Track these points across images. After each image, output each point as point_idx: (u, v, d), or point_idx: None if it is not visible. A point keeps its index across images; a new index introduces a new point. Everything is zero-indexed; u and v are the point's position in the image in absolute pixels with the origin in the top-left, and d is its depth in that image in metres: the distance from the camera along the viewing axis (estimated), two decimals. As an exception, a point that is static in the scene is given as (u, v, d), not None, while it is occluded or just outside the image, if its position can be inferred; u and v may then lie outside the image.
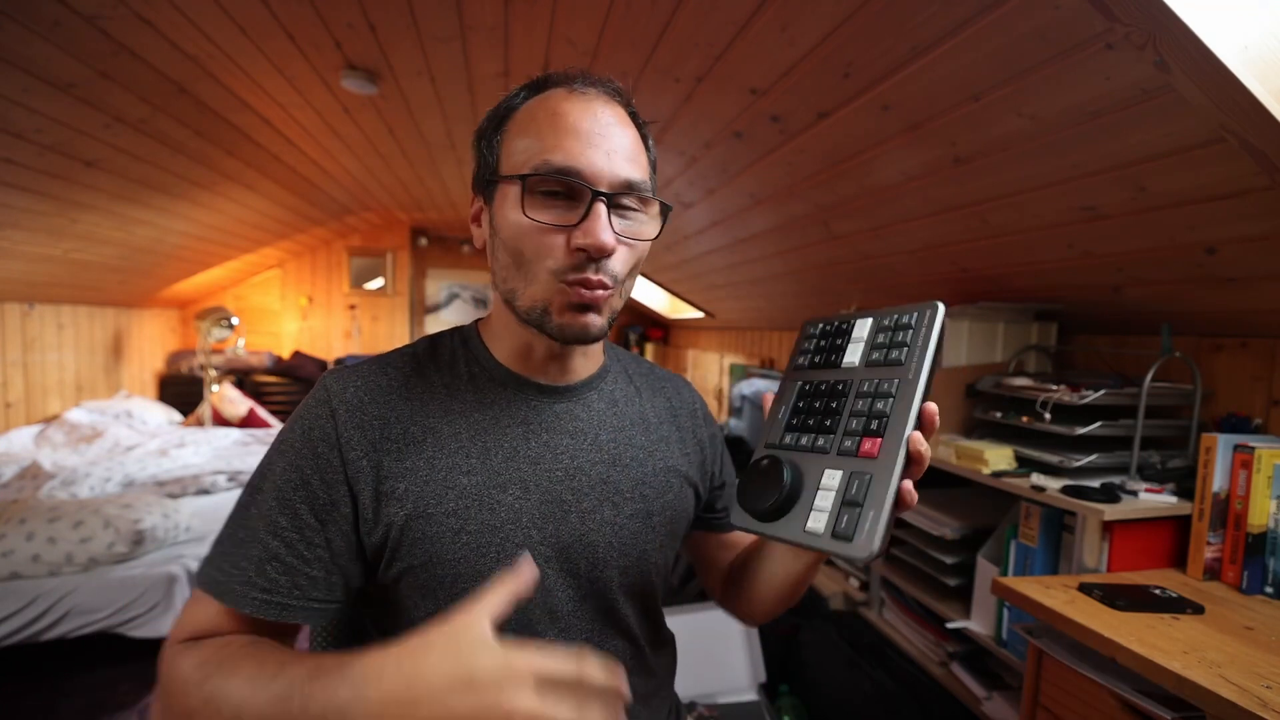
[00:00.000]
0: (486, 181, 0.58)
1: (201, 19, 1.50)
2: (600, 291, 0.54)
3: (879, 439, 0.47)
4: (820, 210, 1.83)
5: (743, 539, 0.77)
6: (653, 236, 0.58)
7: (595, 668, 0.42)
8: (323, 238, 4.76)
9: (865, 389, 0.51)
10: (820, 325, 0.60)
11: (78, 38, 1.48)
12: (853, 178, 1.56)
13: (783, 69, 1.28)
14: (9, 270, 2.81)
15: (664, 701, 0.69)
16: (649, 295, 4.67)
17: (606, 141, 0.54)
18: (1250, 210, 0.97)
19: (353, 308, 5.18)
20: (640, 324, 5.58)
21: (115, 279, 3.54)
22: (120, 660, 2.10)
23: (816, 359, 0.57)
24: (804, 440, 0.52)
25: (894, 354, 0.51)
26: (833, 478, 0.48)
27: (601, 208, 0.53)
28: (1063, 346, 1.60)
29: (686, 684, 1.23)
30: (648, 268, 3.84)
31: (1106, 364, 1.52)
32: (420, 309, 5.43)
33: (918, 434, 0.47)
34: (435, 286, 5.44)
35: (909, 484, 0.46)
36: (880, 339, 0.53)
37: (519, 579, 0.45)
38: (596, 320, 0.56)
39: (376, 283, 5.18)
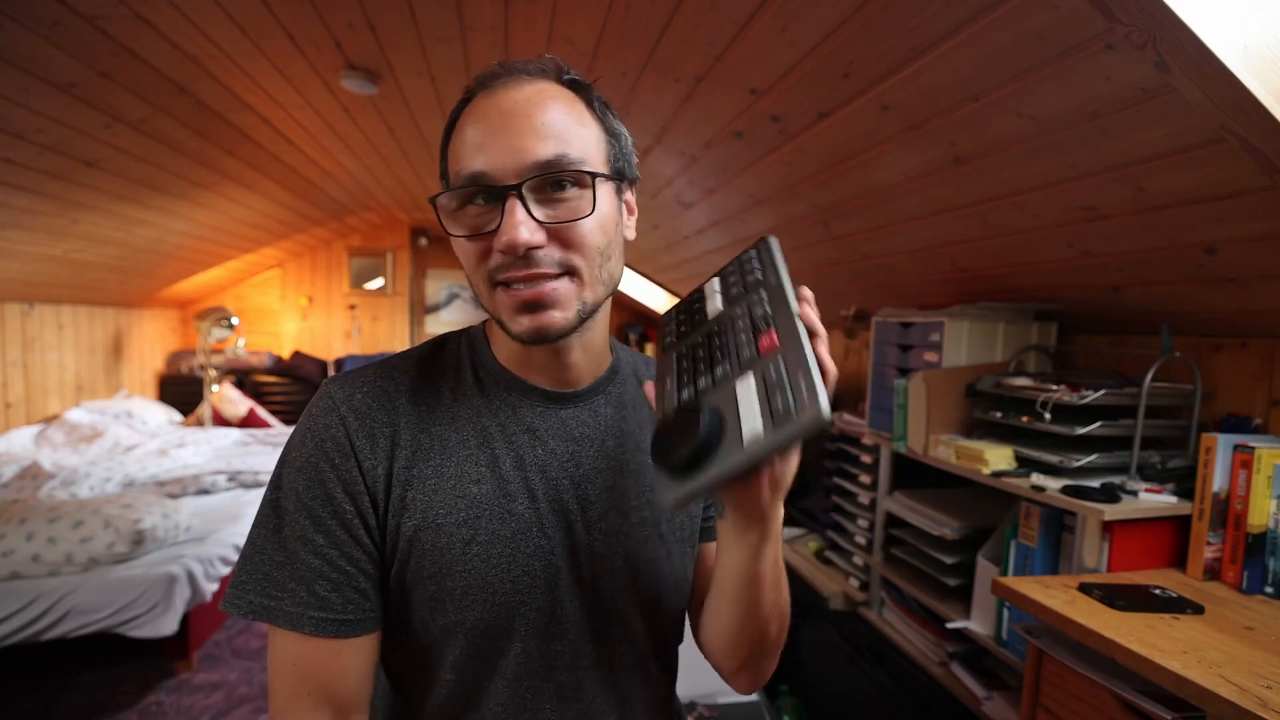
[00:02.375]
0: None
1: (201, 19, 1.50)
2: (544, 285, 0.51)
3: (770, 329, 0.44)
4: (820, 210, 1.83)
5: None
6: (587, 213, 0.52)
7: None
8: (323, 238, 4.76)
9: (738, 313, 0.49)
10: (673, 309, 0.60)
11: (78, 38, 1.48)
12: (853, 178, 1.56)
13: (783, 69, 1.28)
14: (9, 270, 2.81)
15: (664, 709, 0.68)
16: (649, 295, 4.67)
17: (510, 130, 0.50)
18: (1250, 210, 0.97)
19: (353, 308, 5.18)
20: (640, 324, 5.58)
21: (115, 279, 3.54)
22: (120, 660, 2.11)
23: (682, 329, 0.55)
24: (701, 383, 0.46)
25: (750, 278, 0.51)
26: (746, 384, 0.42)
27: (514, 203, 0.49)
28: (1063, 346, 1.60)
29: (687, 684, 1.23)
30: (648, 268, 3.84)
31: (1106, 364, 1.52)
32: (420, 309, 5.43)
33: (805, 307, 0.45)
34: (435, 286, 5.44)
35: (824, 350, 0.43)
36: (732, 280, 0.54)
37: None
38: (557, 316, 0.52)
39: (376, 283, 5.18)
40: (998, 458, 1.29)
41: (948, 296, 1.85)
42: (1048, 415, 1.25)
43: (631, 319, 5.58)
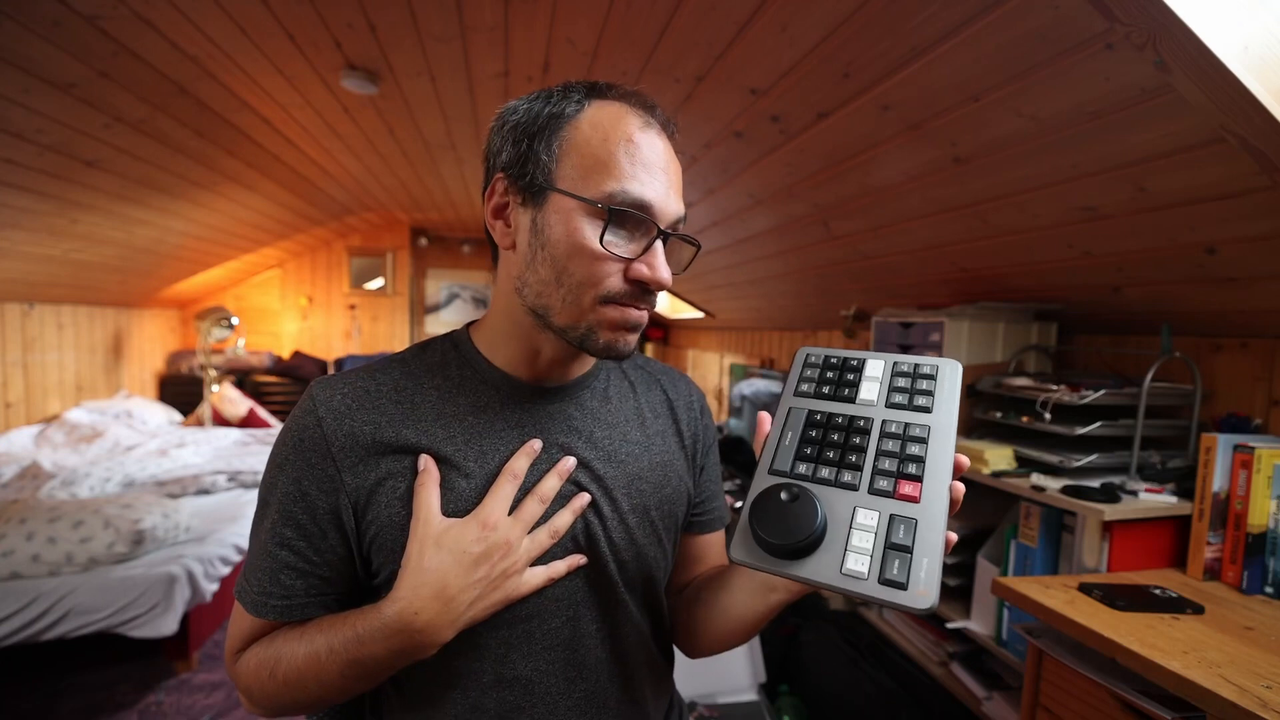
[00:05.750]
0: (537, 187, 0.55)
1: (201, 19, 1.50)
2: (645, 314, 0.58)
3: (918, 482, 0.44)
4: (820, 210, 1.83)
5: (717, 551, 0.75)
6: (682, 269, 0.62)
7: (547, 484, 0.58)
8: (323, 238, 4.76)
9: (892, 429, 0.48)
10: (824, 356, 0.57)
11: (78, 38, 1.48)
12: (853, 178, 1.56)
13: (783, 69, 1.28)
14: (9, 270, 2.81)
15: (666, 694, 0.70)
16: (649, 295, 4.67)
17: (670, 178, 0.56)
18: (1250, 210, 0.97)
19: (353, 308, 5.18)
20: (640, 324, 5.57)
21: (115, 279, 3.54)
22: (120, 660, 2.11)
23: (825, 389, 0.54)
24: (824, 472, 0.47)
25: (919, 400, 0.50)
26: (869, 517, 0.43)
27: (660, 245, 0.55)
28: (1063, 346, 1.60)
29: (687, 684, 1.23)
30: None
31: (1106, 364, 1.52)
32: (420, 309, 5.43)
33: (958, 483, 0.45)
34: (435, 286, 5.44)
35: (951, 534, 0.44)
36: (900, 383, 0.52)
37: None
38: (635, 339, 0.59)
39: (376, 283, 5.19)
40: (998, 458, 1.29)
41: (948, 296, 1.85)
42: (1048, 415, 1.25)
43: (631, 319, 5.57)
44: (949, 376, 0.51)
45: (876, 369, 0.54)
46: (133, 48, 1.58)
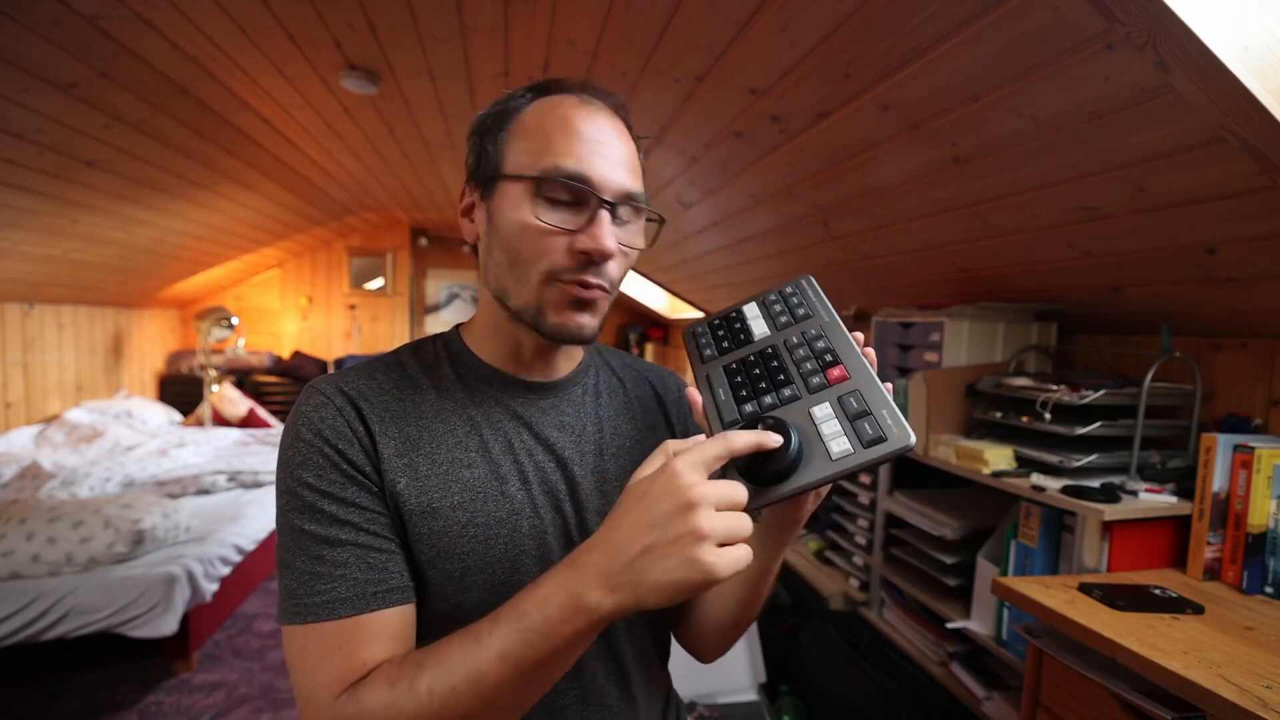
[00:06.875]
0: (487, 178, 0.59)
1: (201, 19, 1.50)
2: (597, 292, 0.57)
3: (840, 365, 0.50)
4: (820, 210, 1.83)
5: None
6: (642, 246, 0.61)
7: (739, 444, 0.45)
8: (323, 238, 4.76)
9: (795, 340, 0.54)
10: (704, 324, 0.62)
11: (78, 38, 1.48)
12: (853, 178, 1.56)
13: (783, 69, 1.28)
14: (9, 270, 2.81)
15: (663, 690, 0.70)
16: (649, 295, 4.67)
17: (612, 152, 0.56)
18: (1250, 210, 0.97)
19: (353, 308, 5.19)
20: (640, 324, 5.58)
21: (115, 279, 3.54)
22: (120, 660, 2.11)
23: (724, 345, 0.59)
24: (767, 399, 0.51)
25: (799, 311, 0.57)
26: (823, 409, 0.47)
27: (605, 215, 0.55)
28: (1063, 346, 1.60)
29: (687, 684, 1.23)
30: (648, 267, 3.85)
31: (1106, 364, 1.52)
32: (420, 309, 5.43)
33: (868, 349, 0.51)
34: (435, 286, 5.44)
35: (888, 384, 0.48)
36: (777, 308, 0.58)
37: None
38: (590, 321, 0.58)
39: (376, 283, 5.19)
40: (998, 458, 1.29)
41: (948, 296, 1.85)
42: (1048, 415, 1.25)
43: (631, 319, 5.58)
44: (809, 287, 0.59)
45: (753, 310, 0.60)
46: (133, 48, 1.58)
